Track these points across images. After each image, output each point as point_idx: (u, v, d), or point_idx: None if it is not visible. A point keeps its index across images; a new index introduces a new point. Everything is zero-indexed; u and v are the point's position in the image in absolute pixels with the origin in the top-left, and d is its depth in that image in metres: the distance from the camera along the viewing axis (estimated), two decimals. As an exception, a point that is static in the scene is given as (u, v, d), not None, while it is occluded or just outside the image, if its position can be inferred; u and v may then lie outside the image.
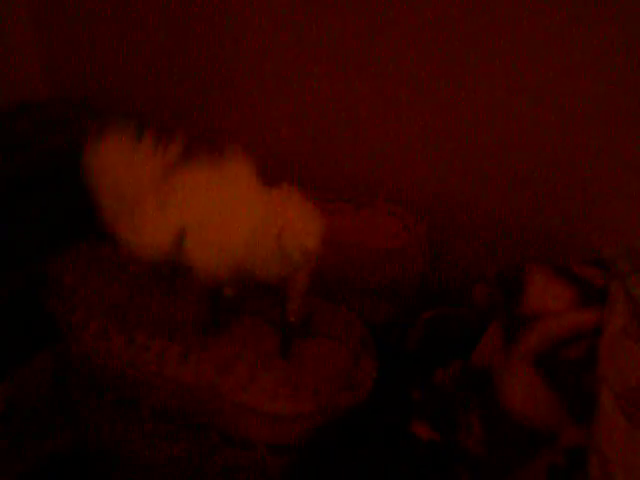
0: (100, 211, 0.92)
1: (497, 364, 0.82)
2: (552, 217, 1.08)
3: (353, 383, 0.92)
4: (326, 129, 1.23)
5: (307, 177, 1.26)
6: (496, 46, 1.03)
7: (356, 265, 1.07)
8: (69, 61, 1.50)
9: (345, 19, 1.12)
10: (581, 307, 0.80)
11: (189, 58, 1.34)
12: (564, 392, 0.76)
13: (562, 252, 1.07)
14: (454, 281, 1.17)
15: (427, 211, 1.14)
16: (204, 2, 1.27)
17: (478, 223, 1.15)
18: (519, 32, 1.00)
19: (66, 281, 1.06)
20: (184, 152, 0.89)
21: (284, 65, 1.22)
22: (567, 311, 0.80)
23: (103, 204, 0.92)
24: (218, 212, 0.84)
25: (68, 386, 1.12)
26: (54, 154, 1.24)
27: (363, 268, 1.07)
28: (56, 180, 1.23)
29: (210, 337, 0.95)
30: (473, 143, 1.11)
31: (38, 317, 1.10)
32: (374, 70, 1.14)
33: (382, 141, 1.19)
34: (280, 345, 0.94)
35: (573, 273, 0.86)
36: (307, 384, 0.90)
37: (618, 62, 0.95)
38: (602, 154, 1.02)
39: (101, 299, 1.02)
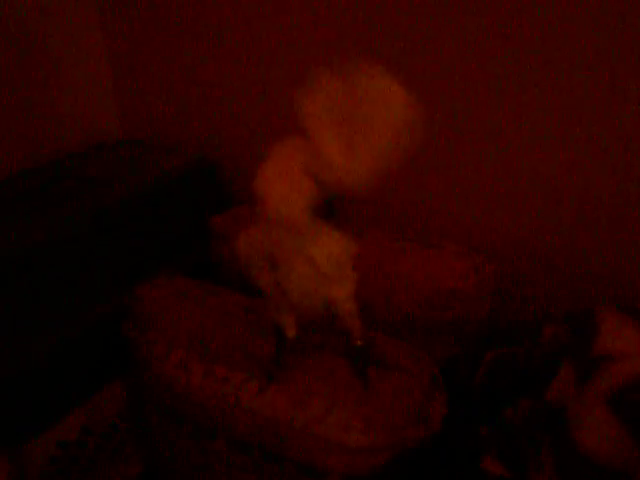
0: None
1: (571, 404, 0.84)
2: (621, 259, 1.10)
3: (425, 417, 0.95)
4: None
5: (375, 217, 1.31)
6: (577, 88, 1.06)
7: (424, 304, 1.10)
8: (143, 103, 1.58)
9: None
10: (654, 350, 0.82)
11: (259, 102, 1.41)
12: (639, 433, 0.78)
13: (631, 295, 1.09)
14: (521, 321, 1.20)
15: (495, 252, 1.17)
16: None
17: (546, 264, 1.17)
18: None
19: (146, 313, 1.12)
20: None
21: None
22: (640, 353, 0.83)
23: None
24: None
25: (142, 415, 1.16)
26: (133, 192, 1.31)
27: (431, 307, 1.10)
28: (136, 216, 1.30)
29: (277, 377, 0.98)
30: (543, 186, 1.14)
31: (114, 348, 1.15)
32: (452, 107, 1.17)
33: (452, 182, 1.23)
34: (355, 373, 0.96)
35: (644, 315, 0.88)
36: (380, 417, 0.92)
37: None
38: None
39: (181, 330, 1.07)
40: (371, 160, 0.74)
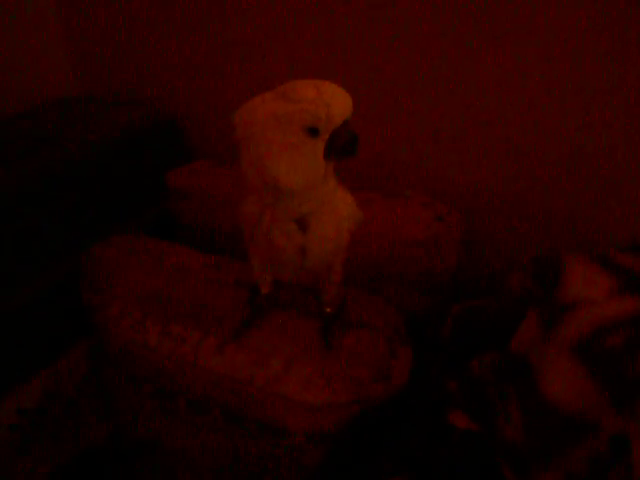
0: None
1: (536, 353, 0.81)
2: (587, 204, 1.07)
3: (389, 373, 0.92)
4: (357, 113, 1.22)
5: (337, 167, 1.27)
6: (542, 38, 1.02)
7: (388, 256, 1.07)
8: (97, 58, 1.51)
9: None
10: (621, 295, 0.79)
11: (214, 52, 1.36)
12: (605, 380, 0.75)
13: (597, 240, 1.06)
14: (488, 270, 1.17)
15: (460, 200, 1.14)
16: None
17: (511, 211, 1.14)
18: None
19: (102, 274, 1.08)
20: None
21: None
22: (607, 299, 0.79)
23: None
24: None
25: (104, 378, 1.13)
26: (86, 149, 1.26)
27: (396, 259, 1.07)
28: (89, 174, 1.25)
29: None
30: (507, 130, 1.10)
31: (73, 310, 1.12)
32: (413, 55, 1.13)
33: (415, 128, 1.19)
34: (321, 337, 0.93)
35: (612, 261, 0.85)
36: (342, 374, 0.90)
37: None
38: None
39: (137, 291, 1.03)
40: None
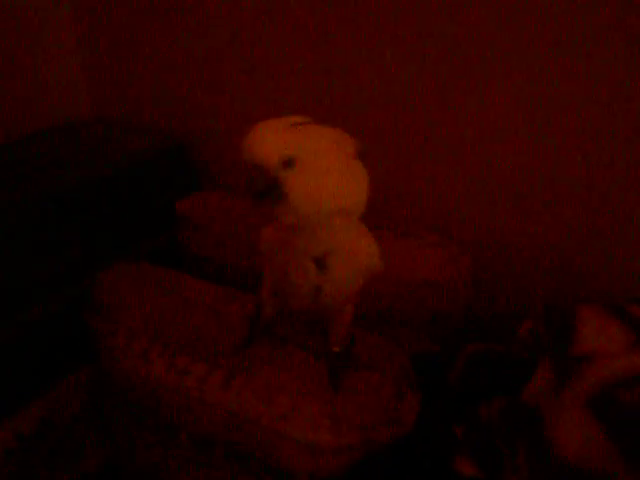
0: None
1: (548, 404, 0.80)
2: (602, 255, 1.07)
3: (396, 416, 0.91)
4: (370, 153, 1.23)
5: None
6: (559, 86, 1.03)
7: (399, 296, 1.06)
8: (111, 83, 1.52)
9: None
10: (637, 349, 0.79)
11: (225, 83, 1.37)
12: (618, 435, 0.74)
13: (609, 289, 1.06)
14: (498, 315, 1.16)
15: (473, 243, 1.14)
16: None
17: (524, 258, 1.14)
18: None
19: (108, 301, 1.07)
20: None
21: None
22: (622, 353, 0.79)
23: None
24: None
25: (103, 406, 1.12)
26: (95, 173, 1.25)
27: (406, 300, 1.06)
28: (97, 199, 1.24)
29: (247, 361, 0.94)
30: (522, 179, 1.11)
31: (75, 337, 1.11)
32: (425, 100, 1.14)
33: (431, 171, 1.19)
34: (328, 377, 0.92)
35: (627, 313, 0.84)
36: (349, 416, 0.88)
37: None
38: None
39: (143, 319, 1.02)
40: None
